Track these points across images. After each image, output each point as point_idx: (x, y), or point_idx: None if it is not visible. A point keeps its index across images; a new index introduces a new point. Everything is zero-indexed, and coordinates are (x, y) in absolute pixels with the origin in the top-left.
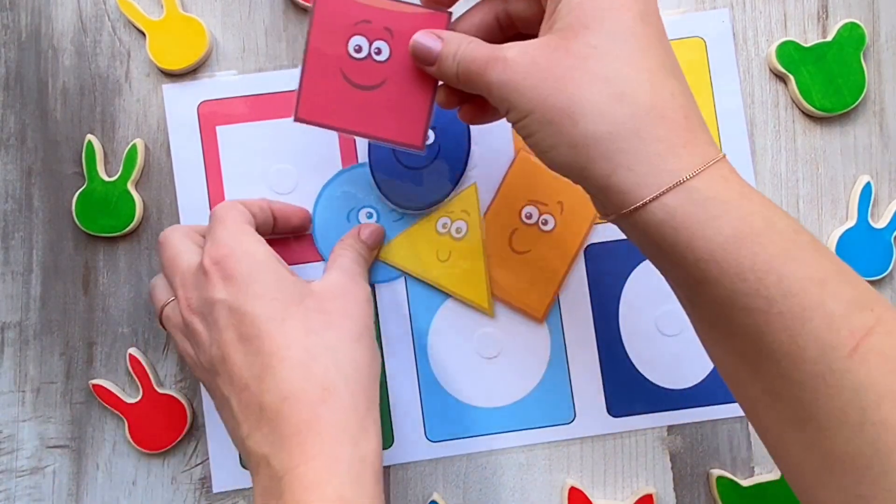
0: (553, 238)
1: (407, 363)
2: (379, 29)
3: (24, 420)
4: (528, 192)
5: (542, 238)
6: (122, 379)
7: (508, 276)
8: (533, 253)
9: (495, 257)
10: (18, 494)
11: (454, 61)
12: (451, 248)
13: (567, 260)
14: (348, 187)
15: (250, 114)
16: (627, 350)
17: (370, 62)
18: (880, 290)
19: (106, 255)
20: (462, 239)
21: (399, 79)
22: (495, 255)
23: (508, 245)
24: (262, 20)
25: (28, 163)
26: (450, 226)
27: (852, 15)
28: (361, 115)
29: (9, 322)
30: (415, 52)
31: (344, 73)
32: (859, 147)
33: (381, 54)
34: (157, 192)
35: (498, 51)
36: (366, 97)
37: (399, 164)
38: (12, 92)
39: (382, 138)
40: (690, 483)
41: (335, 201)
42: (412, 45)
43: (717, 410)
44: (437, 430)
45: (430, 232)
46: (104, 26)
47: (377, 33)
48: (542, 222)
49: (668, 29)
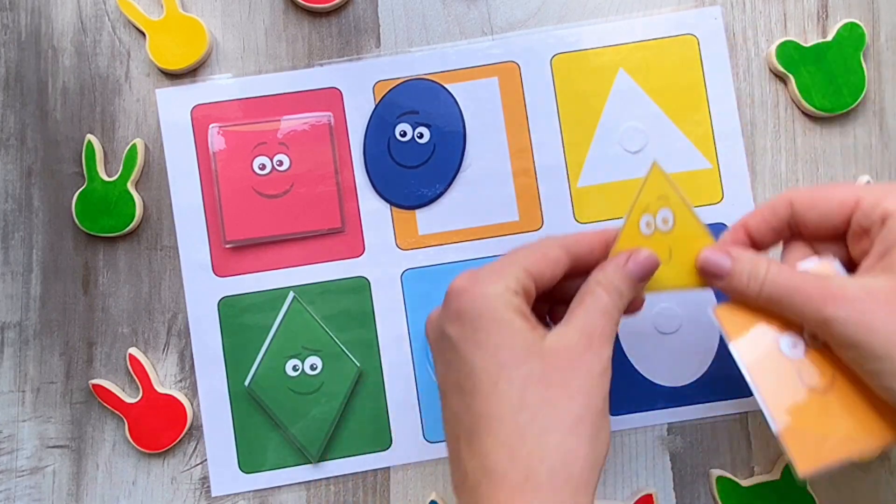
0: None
1: (404, 364)
2: (275, 145)
3: (24, 420)
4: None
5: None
6: (122, 379)
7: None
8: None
9: None
10: (18, 494)
11: (757, 284)
12: (668, 245)
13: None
14: None
15: (244, 117)
16: (625, 349)
17: (276, 174)
18: None
19: (106, 255)
20: (673, 229)
21: (304, 179)
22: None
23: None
24: (262, 20)
25: (28, 163)
26: (654, 222)
27: (852, 15)
28: (282, 219)
29: (9, 322)
30: (702, 267)
31: (256, 190)
32: (859, 147)
33: (283, 165)
34: (156, 192)
35: (831, 285)
36: (280, 203)
37: (393, 161)
38: (12, 92)
39: (306, 231)
40: (690, 483)
41: None
42: (701, 261)
43: (716, 407)
44: (435, 431)
45: (638, 238)
46: (104, 26)
47: (275, 149)
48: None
49: (659, 26)
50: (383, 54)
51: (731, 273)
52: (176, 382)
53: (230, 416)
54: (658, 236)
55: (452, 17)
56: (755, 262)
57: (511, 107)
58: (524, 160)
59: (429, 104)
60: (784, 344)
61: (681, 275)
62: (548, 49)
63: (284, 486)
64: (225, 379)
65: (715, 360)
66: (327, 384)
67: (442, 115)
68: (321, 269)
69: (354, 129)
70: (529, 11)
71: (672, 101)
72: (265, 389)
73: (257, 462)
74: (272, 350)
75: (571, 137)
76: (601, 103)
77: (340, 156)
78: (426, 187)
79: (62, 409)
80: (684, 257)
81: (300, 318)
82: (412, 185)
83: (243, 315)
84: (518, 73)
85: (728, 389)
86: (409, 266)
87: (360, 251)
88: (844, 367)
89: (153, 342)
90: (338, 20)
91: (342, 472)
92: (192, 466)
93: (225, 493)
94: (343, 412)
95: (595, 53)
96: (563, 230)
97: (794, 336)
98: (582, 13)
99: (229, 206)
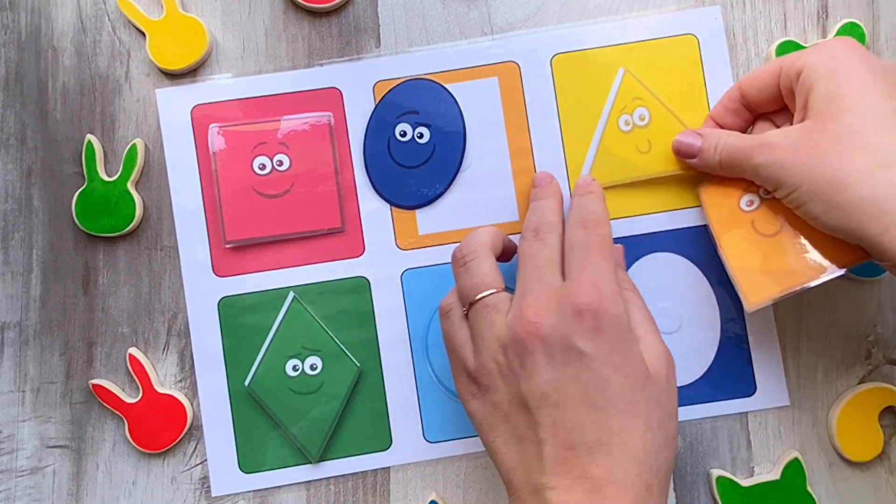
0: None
1: (404, 364)
2: (275, 145)
3: (24, 420)
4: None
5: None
6: (122, 379)
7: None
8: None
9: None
10: (18, 494)
11: (716, 152)
12: (647, 138)
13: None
14: None
15: (244, 117)
16: None
17: (276, 174)
18: (879, 291)
19: (106, 255)
20: (650, 124)
21: (304, 179)
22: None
23: (752, 227)
24: (262, 20)
25: (28, 163)
26: (632, 120)
27: (852, 15)
28: (282, 219)
29: (9, 322)
30: (677, 149)
31: (256, 190)
32: None
33: (283, 165)
34: (156, 192)
35: (761, 137)
36: (280, 203)
37: (393, 161)
38: (12, 92)
39: (306, 231)
40: (690, 483)
41: None
42: (675, 144)
43: (716, 407)
44: (435, 431)
45: (618, 135)
46: (104, 26)
47: (275, 149)
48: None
49: (660, 26)
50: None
51: (702, 148)
52: (176, 382)
53: (230, 416)
54: (637, 131)
55: (452, 17)
56: (717, 134)
57: (511, 107)
58: (524, 160)
59: (429, 104)
60: (743, 202)
61: (660, 161)
62: (548, 49)
63: (284, 486)
64: (225, 379)
65: (715, 360)
66: (327, 384)
67: (442, 115)
68: (321, 269)
69: (354, 129)
70: (529, 11)
71: (672, 101)
72: (265, 389)
73: (257, 462)
74: (272, 350)
75: (571, 137)
76: (601, 103)
77: (340, 156)
78: (426, 187)
79: (62, 409)
80: (662, 146)
81: (300, 318)
82: (412, 185)
83: (243, 315)
84: (518, 73)
85: (728, 389)
86: (409, 266)
87: (360, 251)
88: (790, 214)
89: (153, 342)
90: (338, 20)
91: (342, 473)
92: (192, 466)
93: (225, 493)
94: (343, 412)
95: (595, 53)
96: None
97: (752, 195)
98: (582, 13)
99: (229, 206)
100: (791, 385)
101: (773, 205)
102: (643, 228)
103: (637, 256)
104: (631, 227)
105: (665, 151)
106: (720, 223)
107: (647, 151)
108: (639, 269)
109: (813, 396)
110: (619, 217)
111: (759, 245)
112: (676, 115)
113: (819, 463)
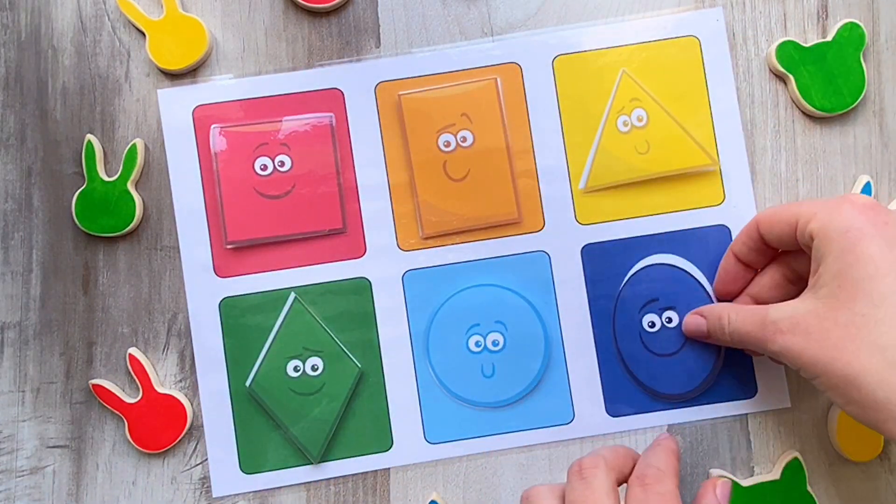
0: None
1: (405, 365)
2: (277, 146)
3: (24, 420)
4: (438, 121)
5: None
6: (122, 379)
7: (462, 205)
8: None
9: (433, 192)
10: (18, 494)
11: (725, 333)
12: (645, 139)
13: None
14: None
15: (245, 117)
16: (625, 355)
17: (277, 174)
18: None
19: (106, 255)
20: (647, 125)
21: (306, 180)
22: (433, 189)
23: (444, 175)
24: (262, 20)
25: (28, 163)
26: (630, 121)
27: (852, 15)
28: (283, 220)
29: (9, 322)
30: (688, 332)
31: (257, 191)
32: (859, 147)
33: (285, 165)
34: (156, 192)
35: (768, 320)
36: (281, 204)
37: (648, 351)
38: (12, 92)
39: (308, 232)
40: (690, 483)
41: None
42: (684, 327)
43: (716, 408)
44: (435, 432)
45: (617, 136)
46: (104, 26)
47: (276, 150)
48: (461, 140)
49: (661, 28)
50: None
51: (707, 329)
52: (176, 382)
53: (231, 416)
54: (635, 132)
55: (452, 18)
56: (719, 314)
57: (512, 108)
58: (526, 161)
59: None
60: (441, 142)
61: (659, 162)
62: (549, 50)
63: (285, 486)
64: (226, 379)
65: (716, 363)
66: (328, 385)
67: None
68: (322, 270)
69: (356, 130)
70: (529, 12)
71: (674, 103)
72: (266, 390)
73: (258, 462)
74: (273, 351)
75: (573, 139)
76: (603, 105)
77: (342, 156)
78: (692, 371)
79: (62, 409)
80: (660, 147)
81: (301, 318)
82: (674, 370)
83: (244, 316)
84: (520, 75)
85: (729, 392)
86: (410, 267)
87: (362, 252)
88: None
89: (153, 342)
90: (338, 20)
91: (343, 473)
92: (192, 466)
93: (225, 493)
94: (344, 413)
95: (597, 55)
96: (564, 232)
97: (449, 136)
98: (582, 14)
99: (231, 207)
100: (791, 385)
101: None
102: (643, 230)
103: (636, 261)
104: (630, 229)
105: (663, 152)
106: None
107: (645, 152)
108: (638, 273)
109: (813, 396)
110: (617, 219)
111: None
112: (674, 116)
113: (819, 463)
